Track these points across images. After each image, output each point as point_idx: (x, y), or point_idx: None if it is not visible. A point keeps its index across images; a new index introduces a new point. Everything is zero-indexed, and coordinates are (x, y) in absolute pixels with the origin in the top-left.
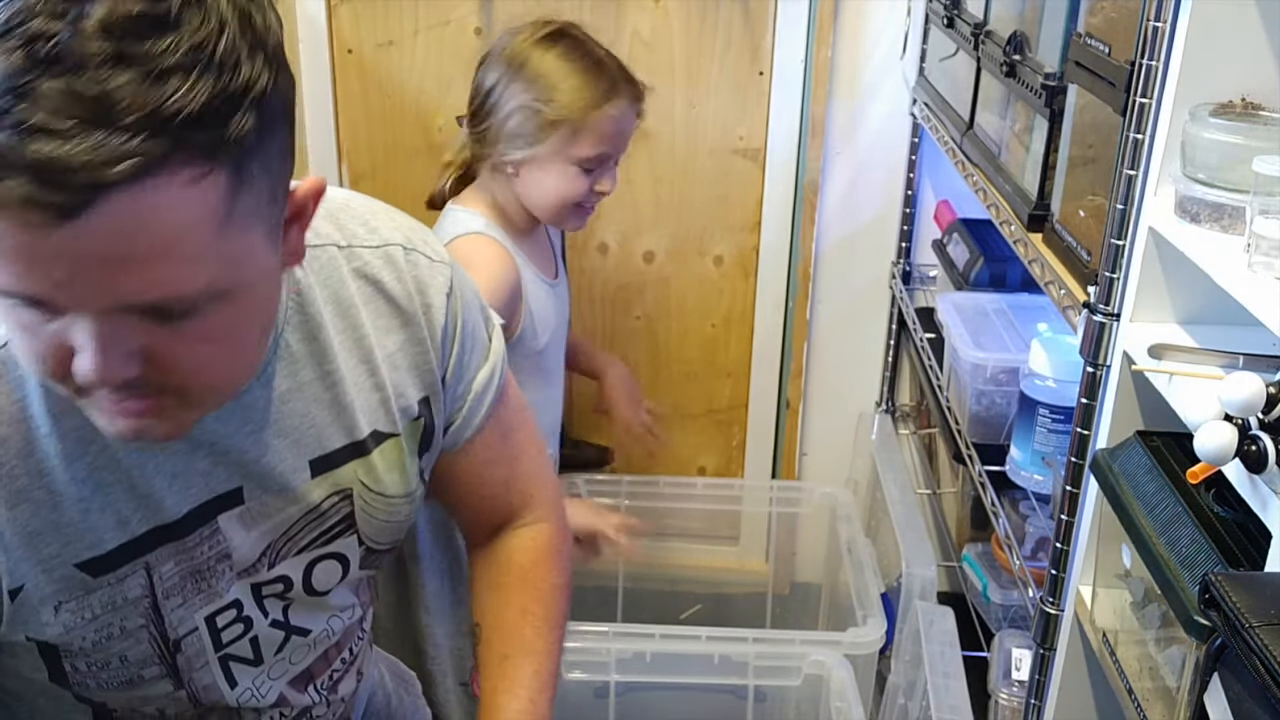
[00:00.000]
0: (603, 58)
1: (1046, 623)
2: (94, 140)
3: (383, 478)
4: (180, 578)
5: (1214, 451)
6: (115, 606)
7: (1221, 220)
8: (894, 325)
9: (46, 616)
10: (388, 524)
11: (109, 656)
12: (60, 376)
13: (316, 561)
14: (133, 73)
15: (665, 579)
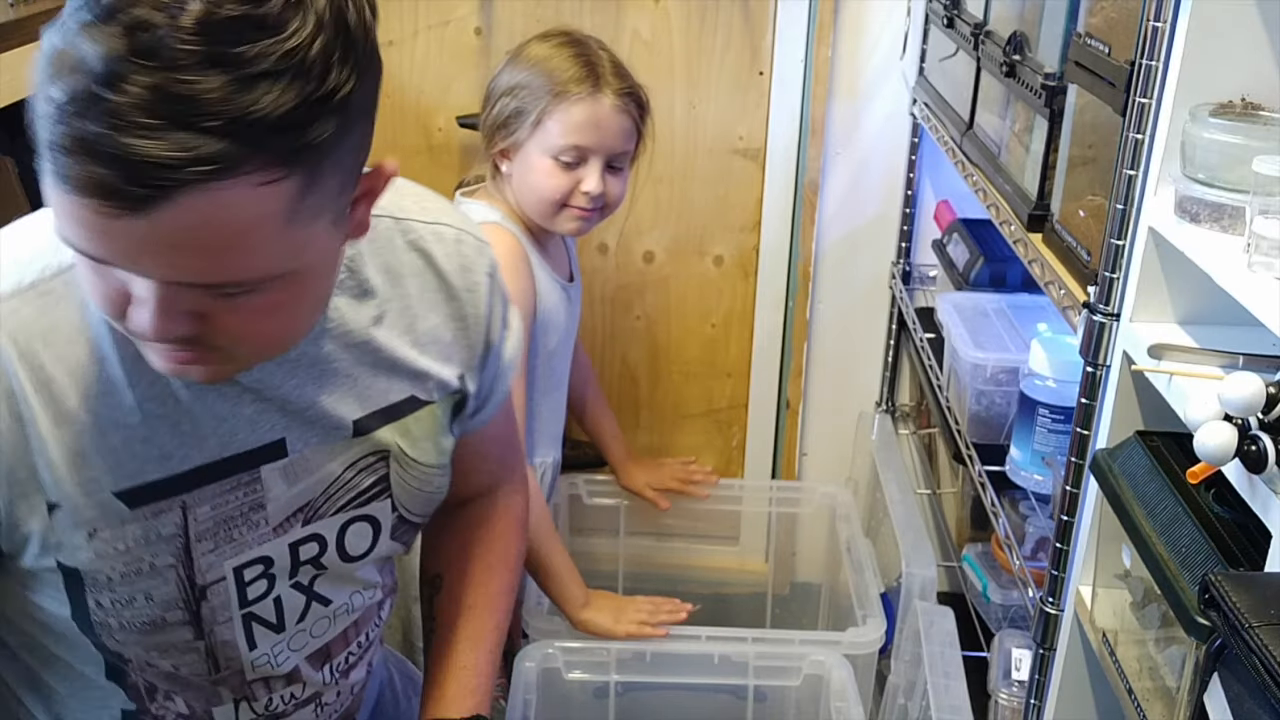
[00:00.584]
0: (595, 52)
1: (1046, 623)
2: (176, 139)
3: (419, 444)
4: (215, 523)
5: (1214, 451)
6: (148, 541)
7: (1221, 220)
8: (894, 325)
9: (79, 540)
10: (420, 492)
11: (135, 593)
12: (118, 316)
13: (350, 523)
14: (223, 76)
15: (665, 579)
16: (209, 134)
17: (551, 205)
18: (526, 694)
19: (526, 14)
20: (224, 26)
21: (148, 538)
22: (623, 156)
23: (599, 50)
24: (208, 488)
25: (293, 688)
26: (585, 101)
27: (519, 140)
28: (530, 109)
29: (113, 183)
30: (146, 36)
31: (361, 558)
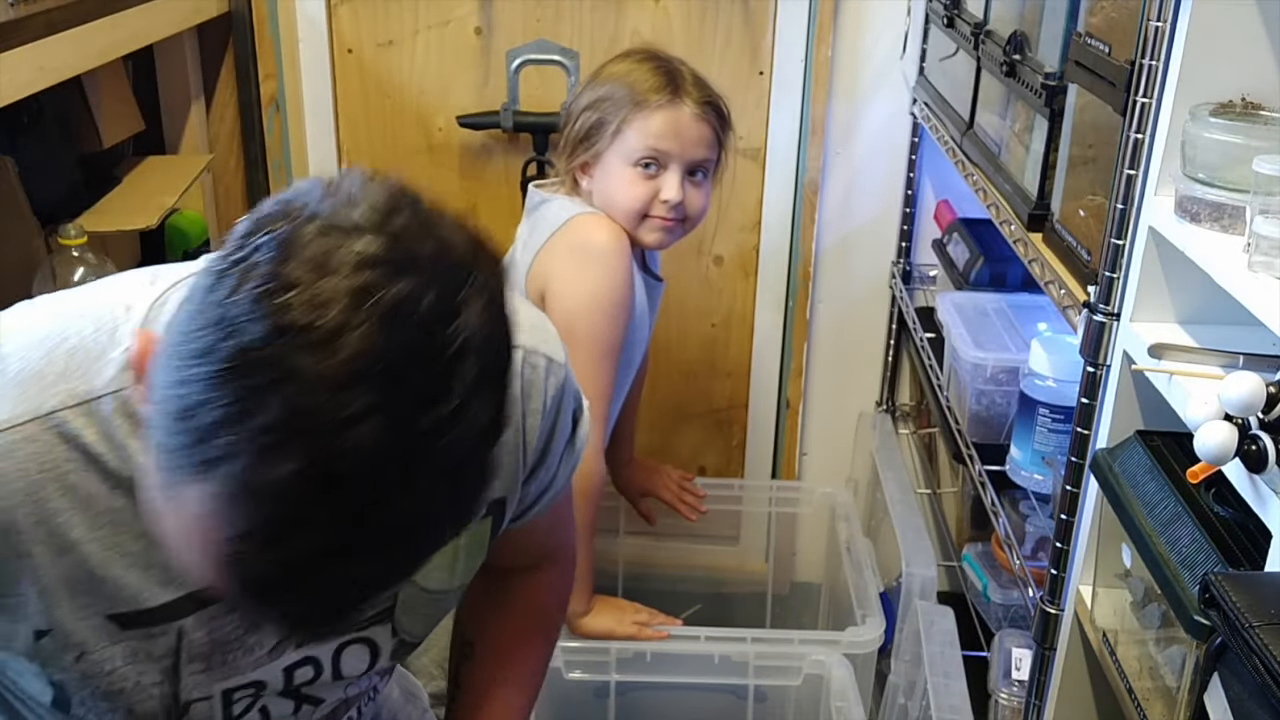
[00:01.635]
0: (676, 66)
1: (1046, 622)
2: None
3: (431, 574)
4: (210, 646)
5: (1214, 451)
6: (136, 659)
7: (1221, 220)
8: (894, 325)
9: (66, 661)
10: (426, 617)
11: (117, 705)
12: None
13: (346, 645)
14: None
15: (665, 579)
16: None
17: (633, 216)
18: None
19: (526, 14)
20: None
21: (136, 655)
22: (704, 165)
23: (680, 65)
24: (205, 612)
25: None
26: (665, 109)
27: (599, 151)
28: (611, 119)
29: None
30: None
31: (358, 677)
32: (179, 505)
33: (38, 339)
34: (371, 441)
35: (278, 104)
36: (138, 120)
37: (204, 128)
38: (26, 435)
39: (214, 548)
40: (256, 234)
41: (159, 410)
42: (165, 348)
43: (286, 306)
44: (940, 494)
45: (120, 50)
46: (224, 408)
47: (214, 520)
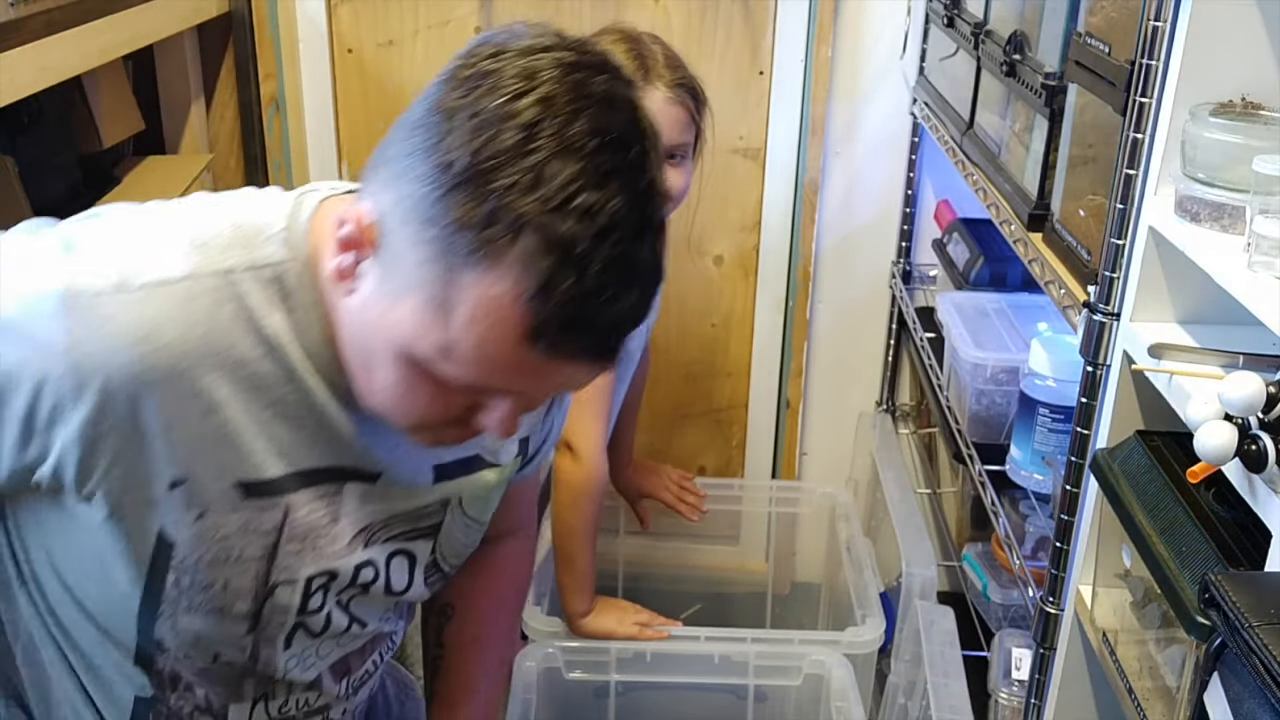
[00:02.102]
0: (648, 46)
1: (1046, 622)
2: (630, 298)
3: (475, 501)
4: (305, 528)
5: (1214, 451)
6: (246, 532)
7: (1221, 220)
8: (894, 325)
9: (188, 519)
10: (462, 544)
11: (215, 577)
12: (435, 423)
13: (394, 555)
14: (645, 238)
15: (665, 579)
16: (646, 287)
17: None
18: (526, 694)
19: (526, 14)
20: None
21: (247, 528)
22: (681, 148)
23: (652, 44)
24: (307, 491)
25: (309, 694)
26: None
27: None
28: None
29: (599, 345)
30: (596, 218)
31: (401, 593)
32: (471, 294)
33: (205, 215)
34: (621, 192)
35: (278, 104)
36: (138, 120)
37: (204, 128)
38: (208, 287)
39: (514, 313)
40: (464, 74)
41: (430, 219)
42: (419, 177)
43: (519, 110)
44: (940, 494)
45: (120, 50)
46: (513, 188)
47: (520, 283)
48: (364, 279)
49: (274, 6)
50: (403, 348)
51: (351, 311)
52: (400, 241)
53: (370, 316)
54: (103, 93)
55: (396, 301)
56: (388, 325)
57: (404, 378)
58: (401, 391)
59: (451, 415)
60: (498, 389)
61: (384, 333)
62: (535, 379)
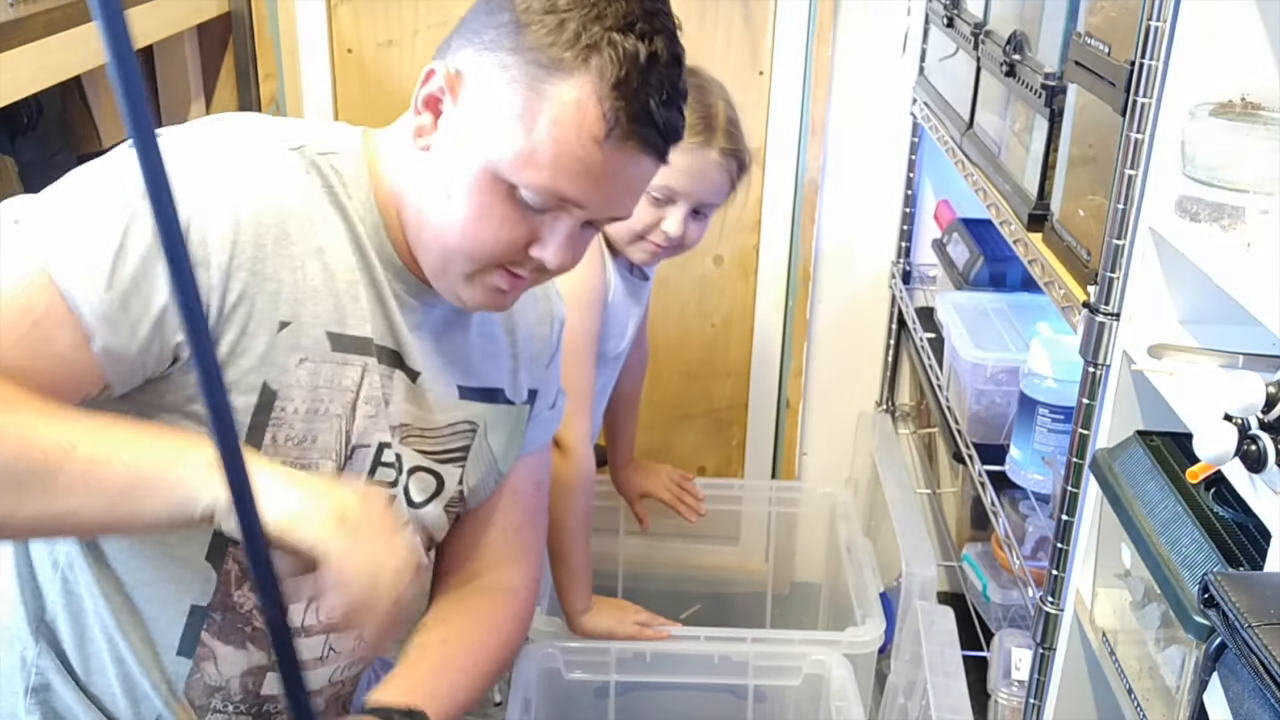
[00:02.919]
0: (715, 104)
1: (1046, 622)
2: (677, 109)
3: (497, 436)
4: (375, 397)
5: (1214, 451)
6: (333, 385)
7: (1221, 220)
8: (894, 325)
9: (290, 364)
10: (483, 476)
11: (306, 432)
12: (499, 254)
13: (417, 470)
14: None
15: (665, 578)
16: (681, 112)
17: (630, 234)
18: (526, 694)
19: None
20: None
21: (334, 382)
22: (710, 207)
23: (719, 100)
24: (375, 361)
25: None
26: (690, 153)
27: None
28: None
29: (656, 140)
30: (650, 44)
31: (419, 505)
32: (554, 101)
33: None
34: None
35: (278, 104)
36: None
37: None
38: (292, 161)
39: (591, 112)
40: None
41: (514, 48)
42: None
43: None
44: (940, 494)
45: None
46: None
47: (597, 86)
48: (443, 128)
49: (274, 6)
50: (487, 164)
51: (428, 163)
52: (483, 77)
53: (451, 150)
54: (103, 93)
55: (482, 125)
56: (472, 149)
57: (481, 201)
58: (478, 216)
59: (518, 247)
60: (568, 196)
61: (468, 158)
62: (600, 180)
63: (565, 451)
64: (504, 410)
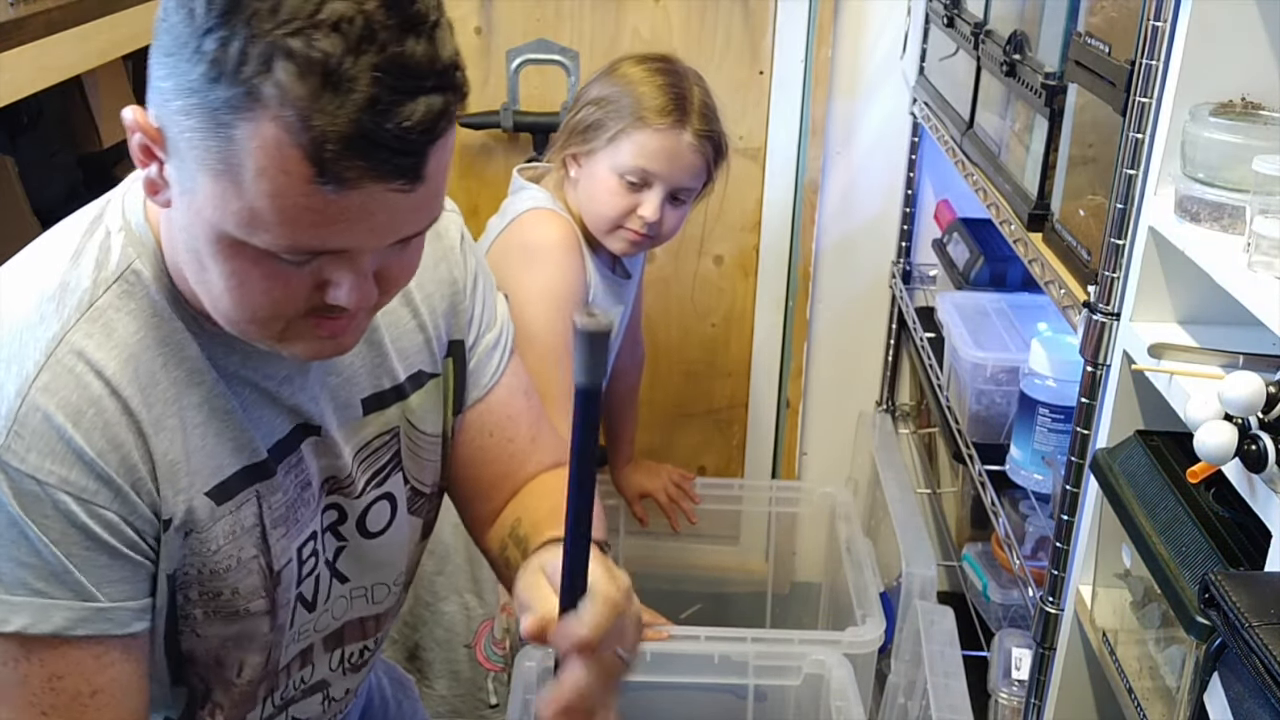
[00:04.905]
0: (690, 88)
1: (1046, 622)
2: (415, 106)
3: (425, 416)
4: (285, 508)
5: (1214, 451)
6: (235, 535)
7: (1221, 220)
8: (894, 325)
9: (176, 545)
10: (427, 462)
11: (222, 587)
12: (289, 312)
13: (371, 505)
14: (417, 37)
15: (665, 578)
16: (431, 91)
17: (607, 221)
18: (526, 694)
19: (526, 14)
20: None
21: (234, 532)
22: (687, 192)
23: (694, 85)
24: (272, 480)
25: (304, 671)
26: (663, 133)
27: (593, 150)
28: (610, 124)
29: (390, 161)
30: (350, 27)
31: (379, 534)
32: (248, 146)
33: (27, 272)
34: (363, 4)
35: None
36: None
37: None
38: (86, 333)
39: (292, 151)
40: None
41: (190, 86)
42: (171, 55)
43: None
44: (940, 494)
45: (120, 50)
46: (253, 18)
47: (283, 116)
48: (169, 185)
49: None
50: (216, 231)
51: (174, 224)
52: (172, 123)
53: (183, 216)
54: (103, 93)
55: (195, 185)
56: (195, 215)
57: (233, 268)
58: (236, 284)
59: (301, 299)
60: (320, 247)
61: (196, 225)
62: (346, 223)
63: None
64: (426, 391)
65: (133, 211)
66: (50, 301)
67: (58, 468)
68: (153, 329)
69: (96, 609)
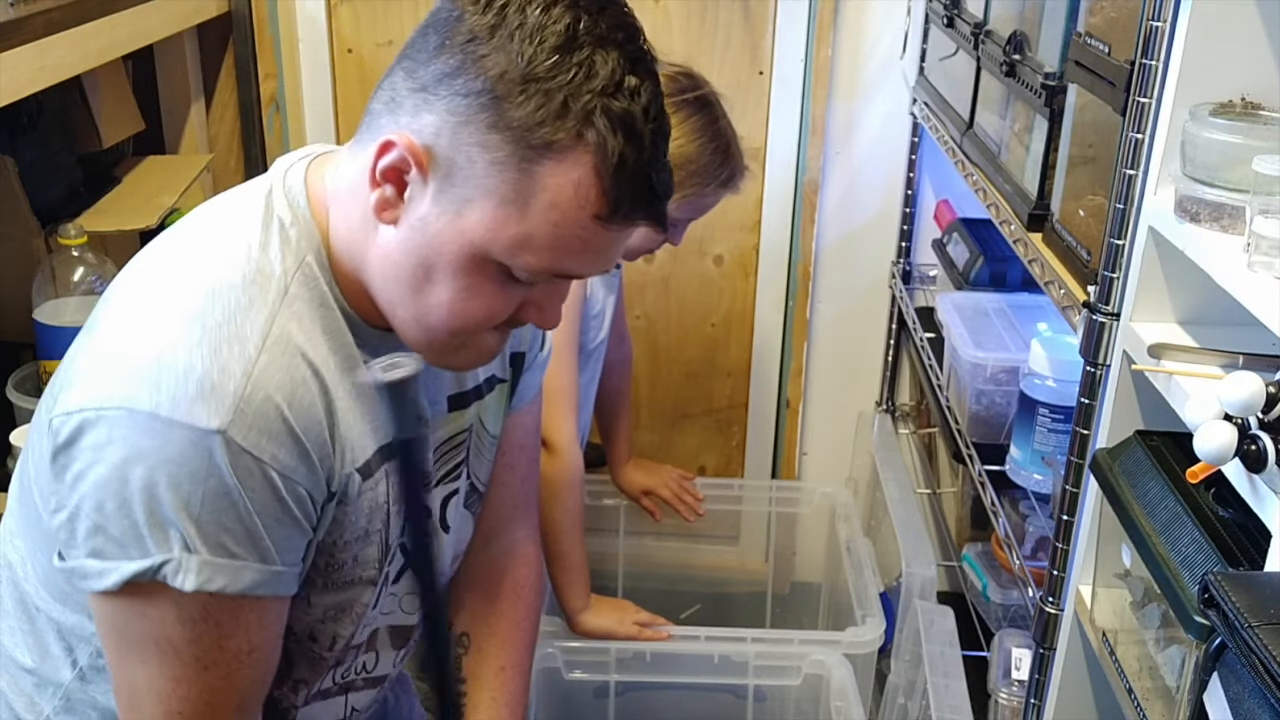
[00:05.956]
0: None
1: (1046, 622)
2: (666, 165)
3: (492, 417)
4: (402, 486)
5: (1214, 451)
6: (370, 509)
7: (1221, 220)
8: (894, 325)
9: (330, 514)
10: (487, 461)
11: (348, 557)
12: (489, 324)
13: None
14: (662, 108)
15: (665, 578)
16: (666, 154)
17: None
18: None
19: None
20: (657, 79)
21: (370, 506)
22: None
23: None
24: (394, 462)
25: (366, 657)
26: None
27: None
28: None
29: (657, 208)
30: (640, 97)
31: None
32: (550, 183)
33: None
34: (648, 75)
35: (278, 104)
36: (138, 120)
37: (204, 128)
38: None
39: (593, 193)
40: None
41: (494, 124)
42: (470, 92)
43: (557, 16)
44: (940, 494)
45: (120, 50)
46: (572, 81)
47: (598, 164)
48: (412, 203)
49: (274, 6)
50: (476, 250)
51: (396, 240)
52: (460, 153)
53: (429, 232)
54: (103, 93)
55: (465, 208)
56: (455, 234)
57: (469, 283)
58: (466, 297)
59: (505, 315)
60: (562, 272)
61: (451, 242)
62: (597, 255)
63: (553, 451)
64: (496, 394)
65: (298, 205)
66: (254, 286)
67: (272, 445)
68: (322, 317)
69: (274, 572)
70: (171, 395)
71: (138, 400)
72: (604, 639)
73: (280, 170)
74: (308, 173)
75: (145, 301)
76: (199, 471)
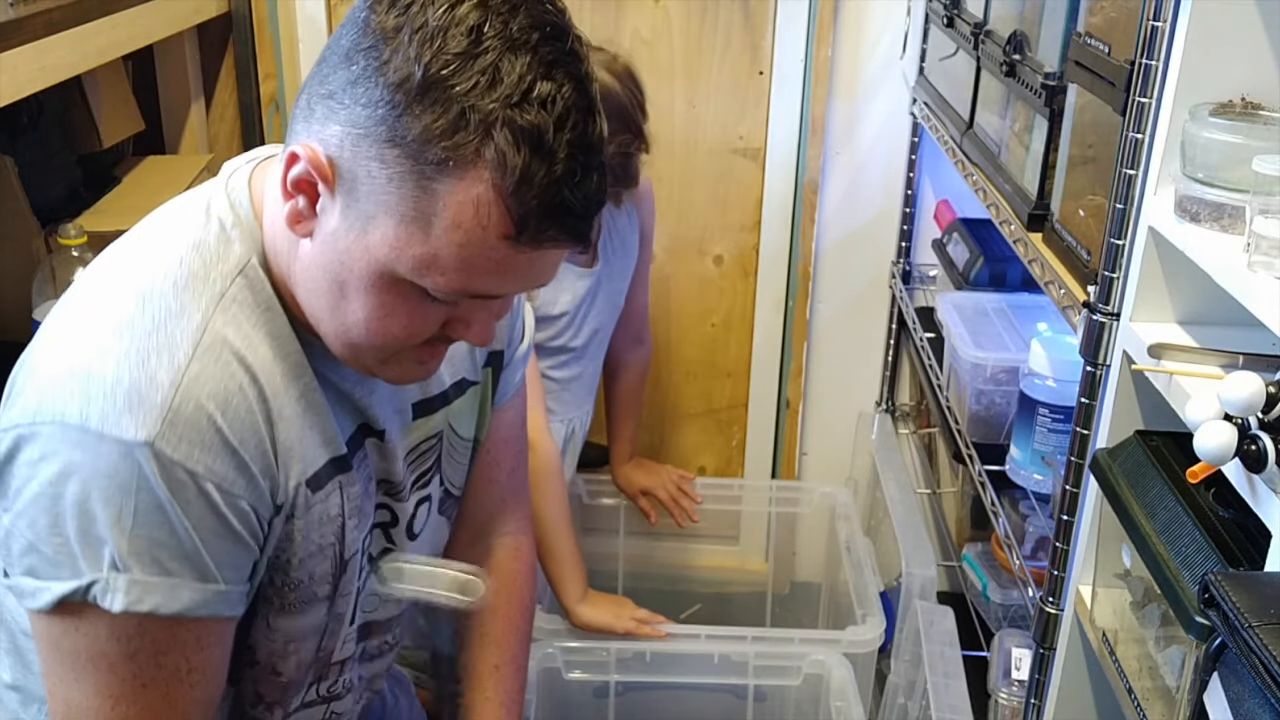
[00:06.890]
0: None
1: (1046, 622)
2: (592, 179)
3: (462, 419)
4: (359, 499)
5: (1214, 451)
6: (322, 523)
7: (1221, 220)
8: (894, 325)
9: (279, 530)
10: (460, 465)
11: (302, 575)
12: (413, 342)
13: (416, 508)
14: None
15: (665, 578)
16: (600, 166)
17: None
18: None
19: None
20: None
21: (322, 519)
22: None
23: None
24: (349, 473)
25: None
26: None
27: None
28: None
29: (576, 228)
30: (554, 106)
31: (419, 534)
32: (451, 201)
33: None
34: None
35: (277, 104)
36: (138, 120)
37: (204, 128)
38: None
39: (496, 211)
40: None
41: (393, 138)
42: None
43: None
44: (940, 494)
45: (120, 50)
46: (473, 90)
47: (498, 180)
48: (323, 216)
49: (274, 6)
50: (382, 269)
51: (311, 254)
52: (361, 167)
53: (339, 248)
54: (103, 93)
55: (369, 225)
56: (362, 251)
57: (383, 301)
58: (381, 315)
59: (428, 333)
60: (478, 292)
61: (359, 260)
62: (516, 275)
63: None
64: (466, 397)
65: (241, 207)
66: (186, 291)
67: (206, 457)
68: (266, 323)
69: (216, 591)
70: (100, 408)
71: (68, 413)
72: (601, 633)
73: (225, 173)
74: (252, 176)
75: (79, 313)
76: (129, 485)
